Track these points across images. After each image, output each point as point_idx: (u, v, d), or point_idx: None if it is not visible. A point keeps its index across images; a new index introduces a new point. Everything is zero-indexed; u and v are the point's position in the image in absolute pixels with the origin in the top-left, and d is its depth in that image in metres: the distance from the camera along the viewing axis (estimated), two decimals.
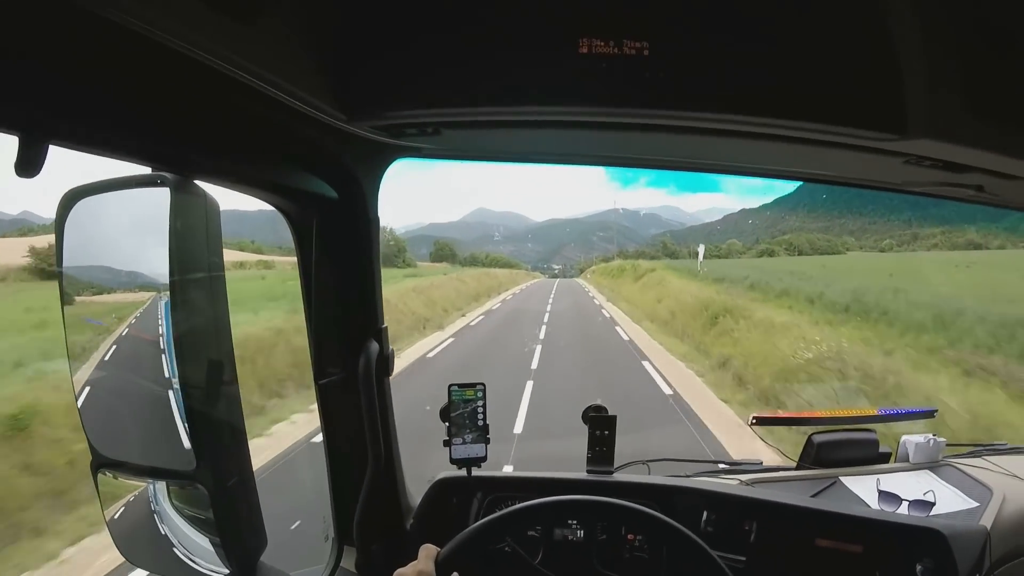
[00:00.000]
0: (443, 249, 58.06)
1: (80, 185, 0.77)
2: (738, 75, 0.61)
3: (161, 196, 0.72)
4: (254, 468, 0.82)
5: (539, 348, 9.74)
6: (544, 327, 13.14)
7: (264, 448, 4.77)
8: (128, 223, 0.78)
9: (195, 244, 0.73)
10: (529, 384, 7.10)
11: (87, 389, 0.81)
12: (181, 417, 0.73)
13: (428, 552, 0.75)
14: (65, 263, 0.78)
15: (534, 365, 8.52)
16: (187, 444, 0.73)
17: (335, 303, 0.95)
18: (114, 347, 0.81)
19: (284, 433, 5.29)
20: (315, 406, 1.03)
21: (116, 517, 0.86)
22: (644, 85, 0.60)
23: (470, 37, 0.60)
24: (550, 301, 22.14)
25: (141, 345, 0.79)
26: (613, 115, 0.66)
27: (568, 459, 1.34)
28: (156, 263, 0.73)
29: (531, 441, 4.99)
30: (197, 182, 0.72)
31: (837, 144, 0.71)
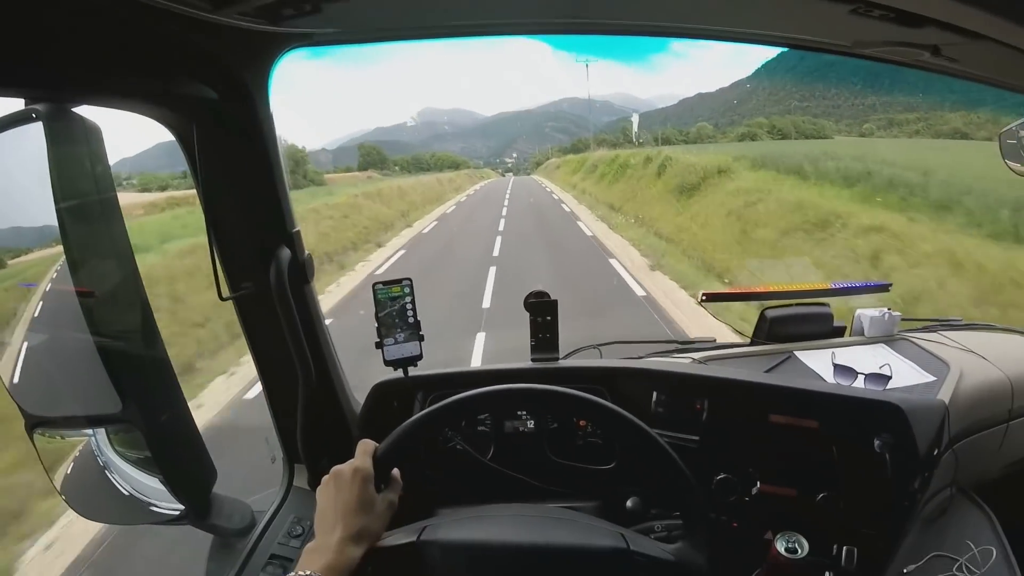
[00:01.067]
0: (369, 154, 47.63)
1: None
2: None
3: (36, 132, 0.68)
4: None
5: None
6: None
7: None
8: (5, 167, 0.73)
9: (81, 175, 0.69)
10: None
11: (4, 350, 0.79)
12: (97, 359, 0.70)
13: (365, 448, 0.74)
14: None
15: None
16: (109, 385, 0.71)
17: (236, 209, 0.90)
18: (15, 302, 0.78)
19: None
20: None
21: (66, 476, 0.85)
22: None
23: None
24: (502, 219, 15.38)
25: (43, 294, 0.76)
26: None
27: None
28: (42, 205, 0.69)
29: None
30: (73, 110, 0.67)
31: None
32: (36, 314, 0.79)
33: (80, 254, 0.69)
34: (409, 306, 1.12)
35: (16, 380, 0.79)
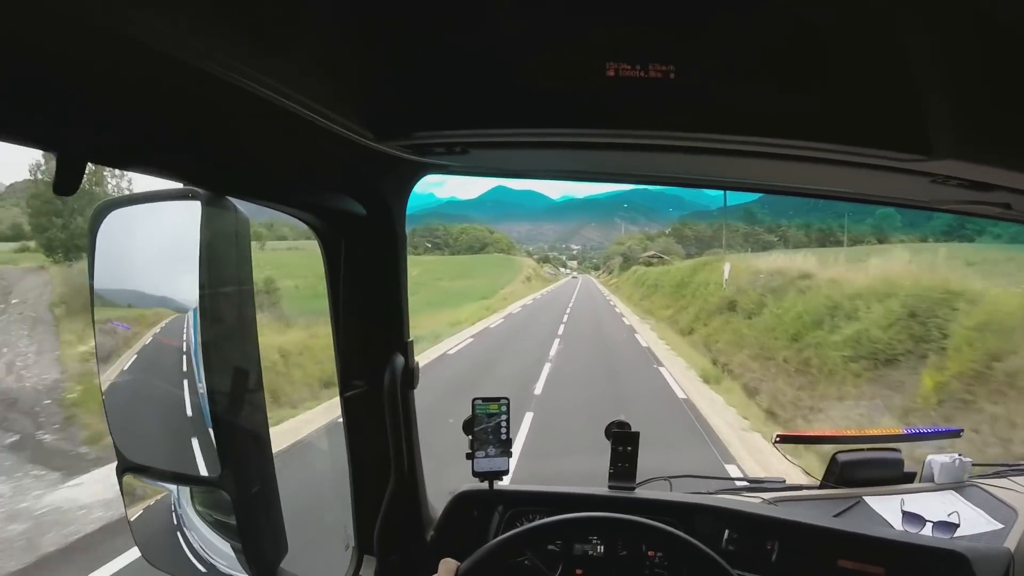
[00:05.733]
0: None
1: (113, 197, 0.80)
2: (763, 98, 0.61)
3: (192, 209, 0.74)
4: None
5: None
6: None
7: None
8: (159, 235, 0.80)
9: (225, 257, 0.75)
10: None
11: (114, 392, 0.84)
12: (208, 424, 0.74)
13: (448, 566, 0.75)
14: (97, 270, 0.80)
15: None
16: (212, 452, 0.74)
17: (362, 317, 0.96)
18: (140, 353, 0.83)
19: None
20: None
21: (138, 519, 0.88)
22: (669, 107, 0.61)
23: (499, 60, 0.61)
24: None
25: (167, 352, 0.81)
26: (638, 136, 0.66)
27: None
28: (186, 275, 0.75)
29: None
30: (228, 197, 0.74)
31: (863, 164, 0.70)
32: (133, 362, 0.84)
33: (211, 325, 0.74)
34: (504, 423, 1.16)
35: (118, 421, 0.84)
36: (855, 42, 0.58)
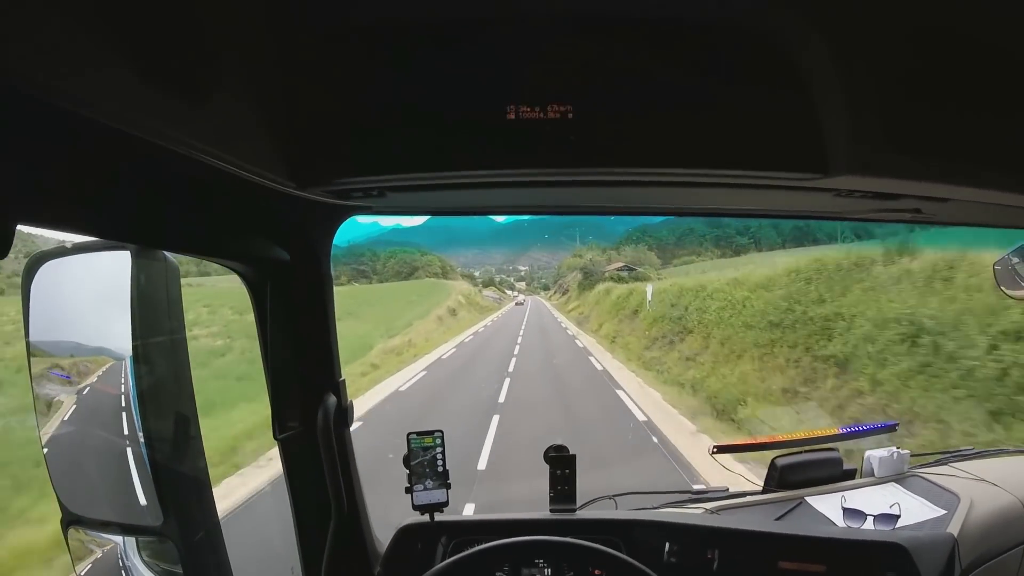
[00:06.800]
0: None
1: (44, 250, 0.79)
2: (661, 131, 0.64)
3: (123, 259, 0.75)
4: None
5: None
6: None
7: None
8: (92, 286, 0.80)
9: (157, 305, 0.76)
10: None
11: (55, 445, 0.83)
12: (147, 473, 0.74)
13: None
14: (32, 322, 0.79)
15: None
16: (154, 500, 0.74)
17: (292, 359, 0.97)
18: (78, 403, 0.83)
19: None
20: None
21: (85, 574, 0.87)
22: (570, 146, 0.63)
23: (407, 107, 0.64)
24: None
25: (105, 401, 0.81)
26: (543, 174, 0.69)
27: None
28: (121, 323, 0.75)
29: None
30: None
31: (768, 186, 0.74)
32: (72, 413, 0.83)
33: (146, 375, 0.75)
34: (440, 456, 1.17)
35: (59, 473, 0.83)
36: (747, 69, 0.62)
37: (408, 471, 1.16)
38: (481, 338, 16.86)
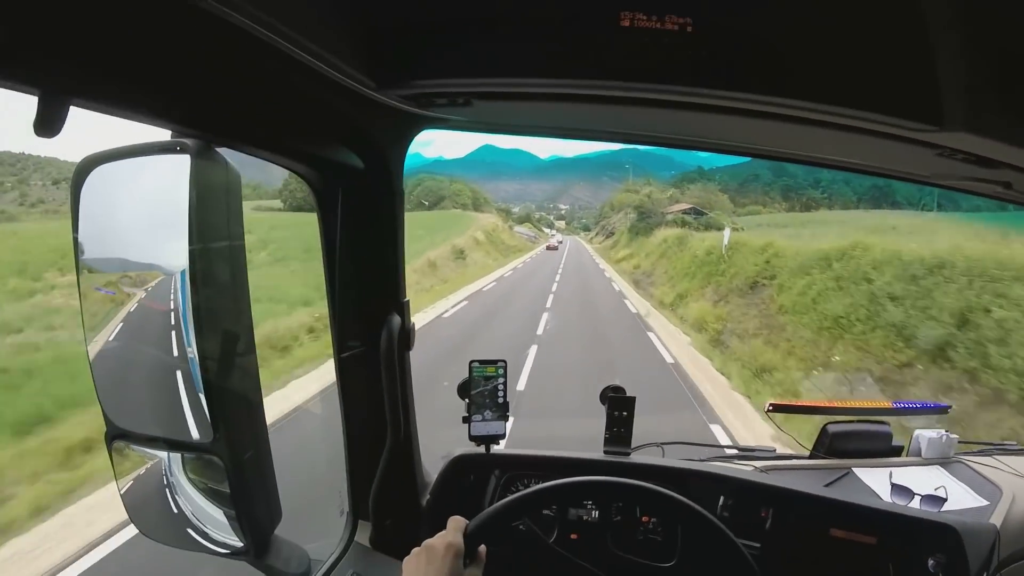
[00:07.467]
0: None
1: (97, 152, 0.75)
2: (781, 58, 0.60)
3: (180, 164, 0.71)
4: None
5: None
6: None
7: None
8: (146, 192, 0.76)
9: (215, 212, 0.72)
10: None
11: (101, 359, 0.81)
12: (198, 389, 0.72)
13: (457, 524, 0.75)
14: (81, 231, 0.76)
15: None
16: (204, 417, 0.72)
17: (358, 275, 0.94)
18: (127, 318, 0.80)
19: None
20: None
21: (128, 488, 0.86)
22: (685, 63, 0.59)
23: (507, 5, 0.58)
24: None
25: (155, 316, 0.78)
26: (652, 91, 0.64)
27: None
28: (175, 233, 0.72)
29: None
30: (219, 151, 0.71)
31: (873, 132, 0.70)
32: (121, 327, 0.81)
33: (201, 287, 0.72)
34: (501, 387, 1.14)
35: (103, 386, 0.81)
36: (875, 7, 0.57)
37: (467, 400, 1.13)
38: (497, 294, 11.41)
